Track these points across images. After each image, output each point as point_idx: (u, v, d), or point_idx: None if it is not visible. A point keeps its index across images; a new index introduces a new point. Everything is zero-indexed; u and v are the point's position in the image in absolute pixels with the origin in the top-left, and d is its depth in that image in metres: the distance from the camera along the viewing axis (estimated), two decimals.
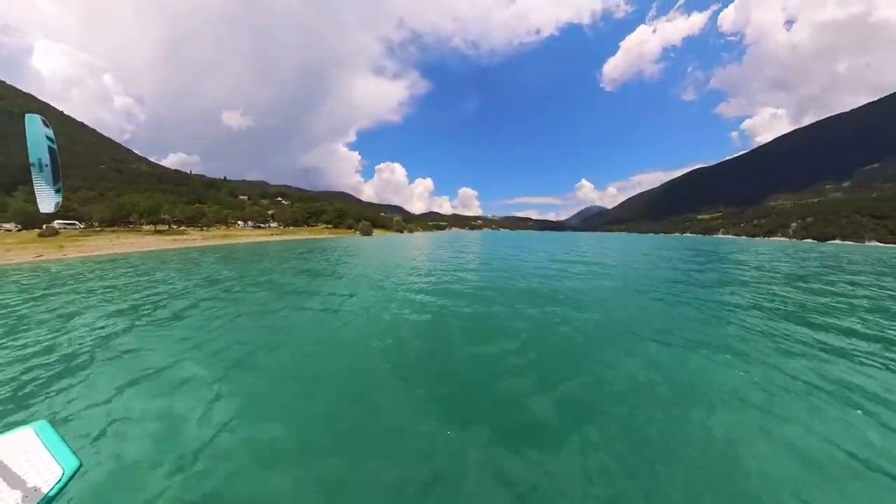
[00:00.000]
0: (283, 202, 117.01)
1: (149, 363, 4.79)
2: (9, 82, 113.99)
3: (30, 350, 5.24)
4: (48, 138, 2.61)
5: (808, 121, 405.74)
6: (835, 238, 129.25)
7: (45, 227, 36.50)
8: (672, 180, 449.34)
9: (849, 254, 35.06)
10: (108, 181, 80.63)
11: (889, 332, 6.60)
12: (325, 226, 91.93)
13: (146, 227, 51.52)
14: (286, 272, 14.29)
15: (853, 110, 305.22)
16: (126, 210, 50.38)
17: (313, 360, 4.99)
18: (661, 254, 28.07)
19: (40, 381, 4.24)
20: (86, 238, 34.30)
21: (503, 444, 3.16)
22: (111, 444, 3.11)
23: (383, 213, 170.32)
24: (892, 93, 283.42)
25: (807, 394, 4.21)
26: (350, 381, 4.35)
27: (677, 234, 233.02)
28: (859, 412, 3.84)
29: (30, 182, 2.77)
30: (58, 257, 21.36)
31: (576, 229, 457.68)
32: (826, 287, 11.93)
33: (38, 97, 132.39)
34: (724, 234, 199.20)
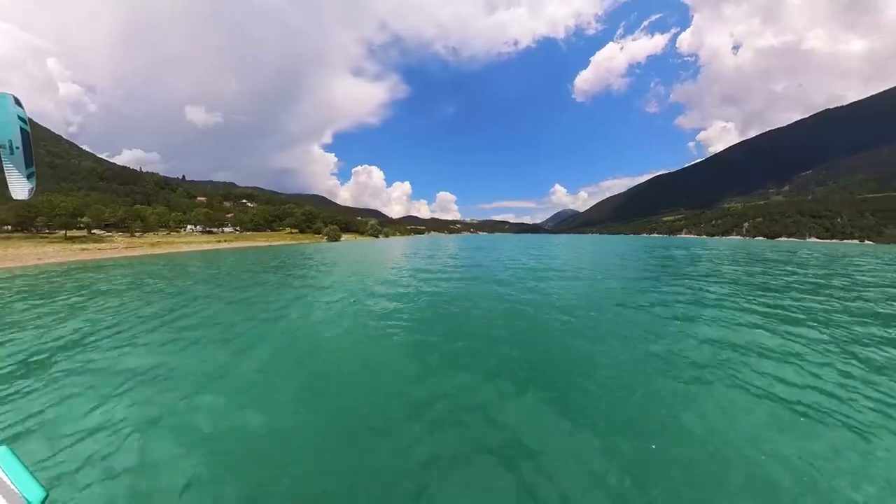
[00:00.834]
0: (249, 205, 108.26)
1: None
2: None
3: None
4: (20, 118, 2.28)
5: (752, 133, 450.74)
6: (781, 236, 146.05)
7: None
8: (638, 185, 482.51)
9: (798, 248, 41.09)
10: (36, 178, 72.81)
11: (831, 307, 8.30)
12: (289, 230, 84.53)
13: (61, 233, 43.85)
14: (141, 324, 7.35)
15: (789, 125, 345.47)
16: (36, 212, 41.90)
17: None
18: (663, 253, 28.82)
19: None
20: None
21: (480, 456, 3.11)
22: (80, 470, 2.91)
23: (360, 217, 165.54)
24: (819, 111, 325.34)
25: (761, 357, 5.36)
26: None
27: (645, 234, 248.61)
28: (791, 367, 4.93)
29: None
30: None
31: (550, 231, 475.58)
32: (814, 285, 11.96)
33: None
34: (686, 234, 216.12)
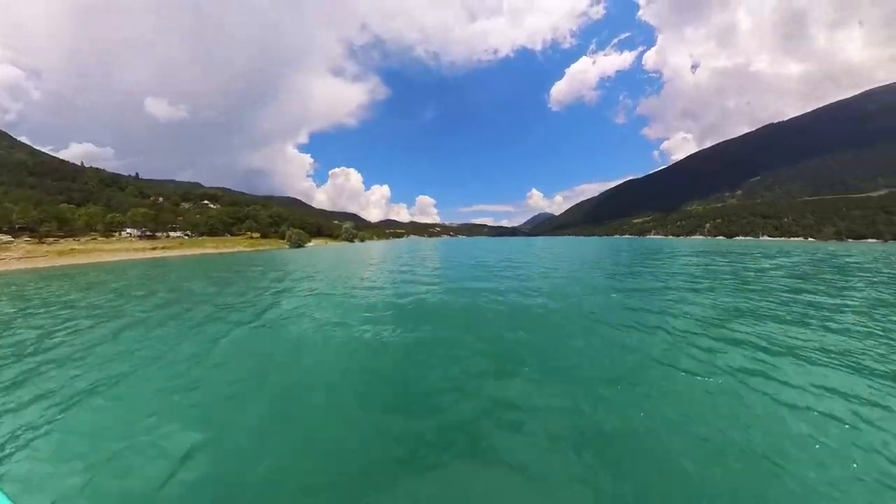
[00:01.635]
0: (211, 206, 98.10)
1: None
2: None
3: None
4: None
5: (708, 143, 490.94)
6: (738, 235, 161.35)
7: None
8: (609, 189, 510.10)
9: (755, 246, 47.24)
10: None
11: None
12: (250, 234, 76.86)
13: None
14: None
15: (739, 136, 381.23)
16: None
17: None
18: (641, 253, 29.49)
19: None
20: None
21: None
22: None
23: (337, 221, 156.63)
24: (764, 125, 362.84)
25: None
26: None
27: (617, 235, 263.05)
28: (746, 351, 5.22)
29: None
30: None
31: (528, 234, 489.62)
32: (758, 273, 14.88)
33: None
34: (655, 234, 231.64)
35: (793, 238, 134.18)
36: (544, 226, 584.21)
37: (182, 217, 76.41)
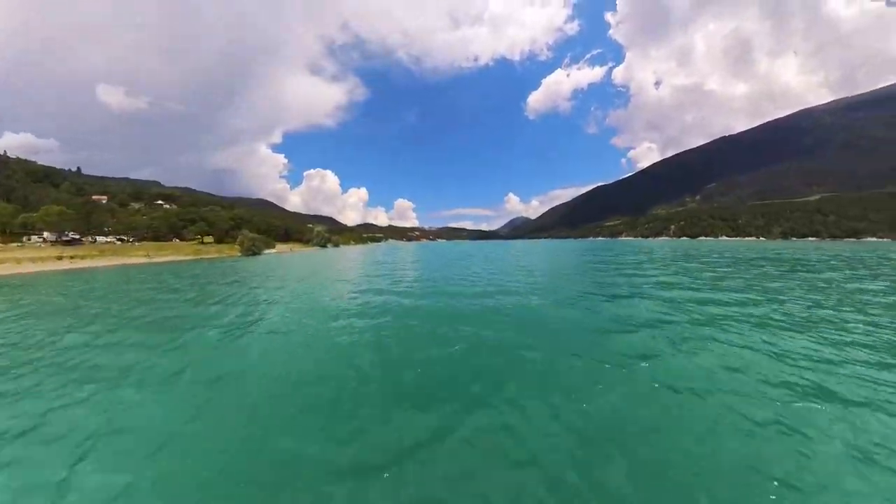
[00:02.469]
0: (167, 206, 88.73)
1: None
2: None
3: None
4: None
5: (670, 152, 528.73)
6: (700, 235, 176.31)
7: None
8: (582, 194, 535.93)
9: (716, 245, 53.80)
10: None
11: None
12: (200, 239, 67.05)
13: None
14: None
15: (696, 147, 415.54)
16: None
17: None
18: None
19: None
20: None
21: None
22: None
23: (310, 225, 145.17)
24: (716, 138, 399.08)
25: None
26: None
27: (591, 237, 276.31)
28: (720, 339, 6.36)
29: None
30: None
31: (506, 238, 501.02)
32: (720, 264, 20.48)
33: None
34: (626, 236, 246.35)
35: (747, 238, 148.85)
36: (522, 229, 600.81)
37: (118, 219, 64.95)
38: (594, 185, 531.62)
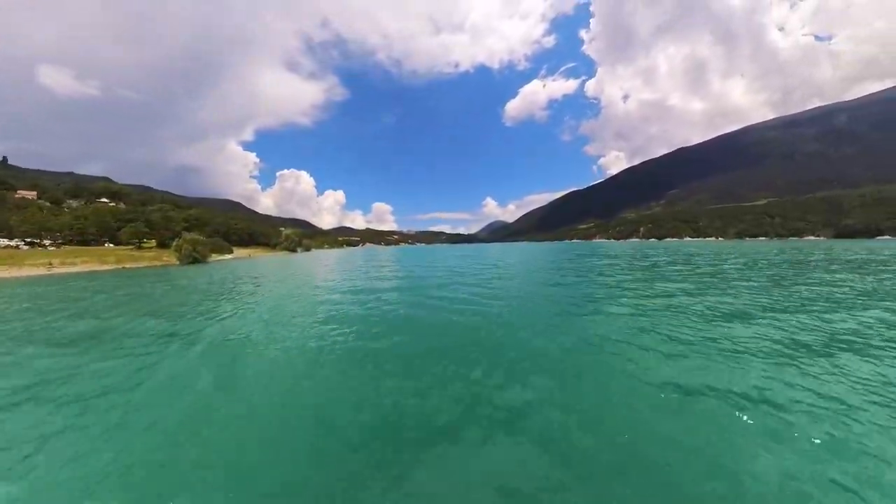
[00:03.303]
0: (111, 205, 76.29)
1: None
2: None
3: None
4: None
5: (637, 161, 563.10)
6: (667, 237, 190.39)
7: None
8: (557, 199, 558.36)
9: (681, 246, 59.86)
10: None
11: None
12: (137, 244, 55.60)
13: None
14: None
15: (659, 156, 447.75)
16: None
17: None
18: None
19: None
20: None
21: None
22: None
23: (283, 228, 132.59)
24: (677, 148, 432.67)
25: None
26: None
27: (567, 240, 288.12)
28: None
29: None
30: None
31: (484, 241, 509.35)
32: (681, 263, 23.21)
33: None
34: (598, 238, 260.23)
35: (707, 238, 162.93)
36: (500, 233, 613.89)
37: (25, 217, 54.03)
38: (568, 191, 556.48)
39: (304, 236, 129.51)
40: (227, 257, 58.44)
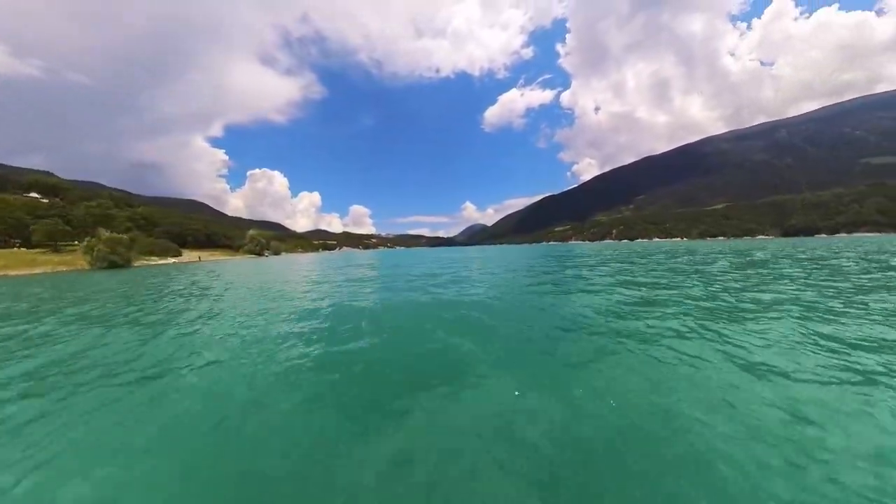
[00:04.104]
0: (44, 201, 63.76)
1: None
2: None
3: None
4: None
5: (607, 168, 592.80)
6: (637, 238, 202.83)
7: None
8: (534, 203, 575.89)
9: (649, 246, 62.89)
10: None
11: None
12: (53, 245, 46.25)
13: None
14: None
15: (628, 164, 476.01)
16: None
17: None
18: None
19: None
20: None
21: None
22: None
23: (253, 231, 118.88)
24: (643, 157, 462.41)
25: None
26: None
27: (544, 242, 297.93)
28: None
29: None
30: None
31: (464, 244, 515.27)
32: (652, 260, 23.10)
33: None
34: (574, 241, 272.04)
35: (674, 238, 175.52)
36: (479, 236, 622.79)
37: None
38: (544, 195, 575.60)
39: (275, 238, 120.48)
40: (172, 260, 49.80)
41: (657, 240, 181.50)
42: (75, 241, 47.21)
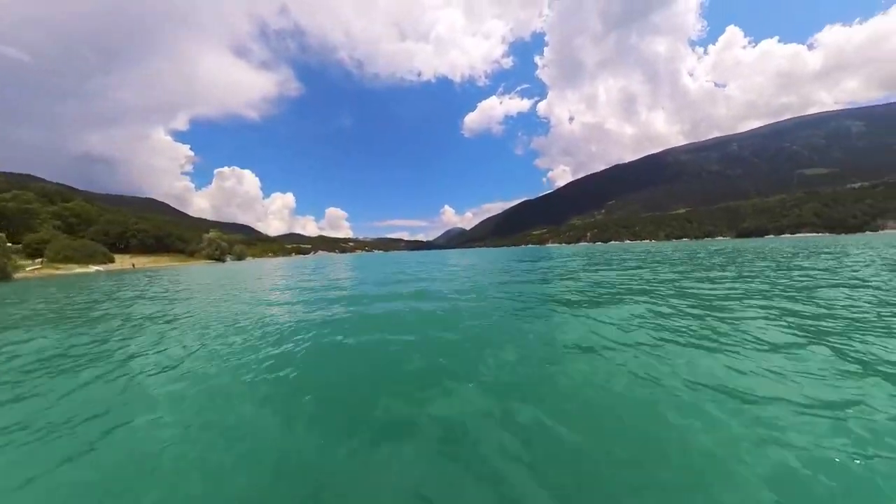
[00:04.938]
0: None
1: None
2: None
3: None
4: None
5: (580, 174, 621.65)
6: (610, 240, 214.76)
7: None
8: (511, 207, 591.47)
9: (621, 247, 67.62)
10: None
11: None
12: None
13: None
14: None
15: (599, 171, 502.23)
16: None
17: None
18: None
19: None
20: None
21: None
22: None
23: (213, 232, 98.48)
24: (612, 165, 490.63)
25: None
26: None
27: (522, 245, 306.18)
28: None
29: None
30: None
31: (443, 247, 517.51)
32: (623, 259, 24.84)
33: None
34: (551, 243, 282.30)
35: (643, 240, 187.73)
36: (458, 239, 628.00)
37: None
38: (521, 200, 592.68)
39: (242, 242, 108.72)
40: (93, 269, 40.66)
41: (628, 241, 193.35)
42: None
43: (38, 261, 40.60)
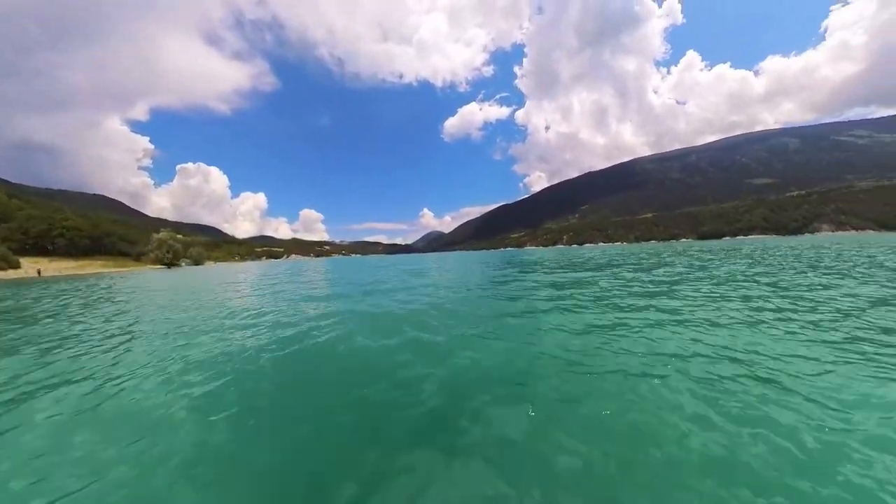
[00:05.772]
0: None
1: None
2: None
3: None
4: None
5: (556, 181, 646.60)
6: (585, 243, 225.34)
7: None
8: (489, 211, 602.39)
9: (594, 249, 73.00)
10: None
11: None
12: None
13: None
14: None
15: (573, 178, 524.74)
16: None
17: None
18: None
19: None
20: None
21: None
22: None
23: (182, 235, 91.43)
24: (585, 172, 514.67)
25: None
26: None
27: (501, 248, 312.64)
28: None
29: None
30: None
31: (422, 251, 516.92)
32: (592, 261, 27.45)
33: None
34: (529, 246, 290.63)
35: (615, 242, 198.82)
36: (437, 242, 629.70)
37: None
38: (499, 204, 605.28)
39: (204, 244, 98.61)
40: (5, 275, 35.69)
41: (602, 244, 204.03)
42: None
43: None
